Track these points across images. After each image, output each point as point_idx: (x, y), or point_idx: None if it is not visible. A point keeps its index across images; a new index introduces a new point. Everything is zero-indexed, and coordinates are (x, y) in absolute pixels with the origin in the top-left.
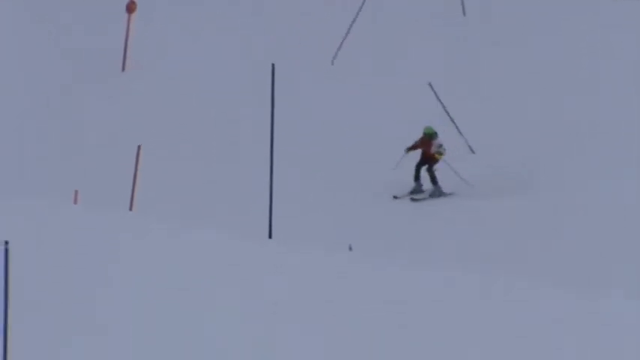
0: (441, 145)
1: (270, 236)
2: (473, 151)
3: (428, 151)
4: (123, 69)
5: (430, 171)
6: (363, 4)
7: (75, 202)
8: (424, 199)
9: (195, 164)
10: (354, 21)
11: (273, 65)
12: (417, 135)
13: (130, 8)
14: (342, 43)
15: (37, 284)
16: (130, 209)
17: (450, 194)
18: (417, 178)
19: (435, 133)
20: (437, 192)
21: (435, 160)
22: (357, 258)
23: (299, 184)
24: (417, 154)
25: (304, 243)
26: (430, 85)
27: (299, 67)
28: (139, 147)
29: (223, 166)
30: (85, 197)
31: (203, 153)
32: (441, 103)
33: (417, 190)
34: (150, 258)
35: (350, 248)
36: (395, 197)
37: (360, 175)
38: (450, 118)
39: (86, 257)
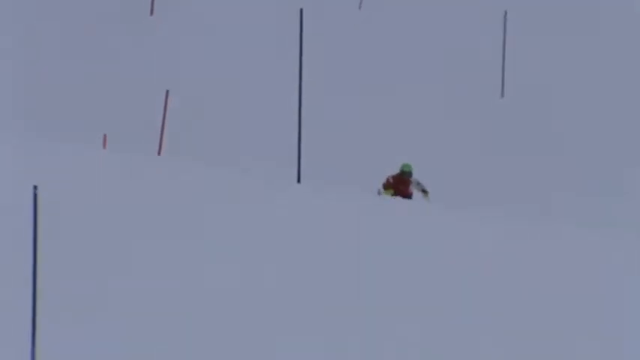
0: (419, 183)
1: (298, 180)
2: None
3: (405, 190)
4: (151, 13)
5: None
6: None
7: (104, 146)
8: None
9: (223, 109)
10: None
11: (301, 10)
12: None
13: None
14: None
15: (66, 228)
16: (159, 153)
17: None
18: None
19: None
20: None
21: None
22: (385, 202)
23: (327, 130)
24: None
25: (333, 187)
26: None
27: (326, 12)
28: (167, 91)
29: (251, 111)
30: (113, 141)
31: (230, 97)
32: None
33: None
34: (178, 201)
35: (379, 192)
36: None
37: (388, 122)
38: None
39: (115, 200)
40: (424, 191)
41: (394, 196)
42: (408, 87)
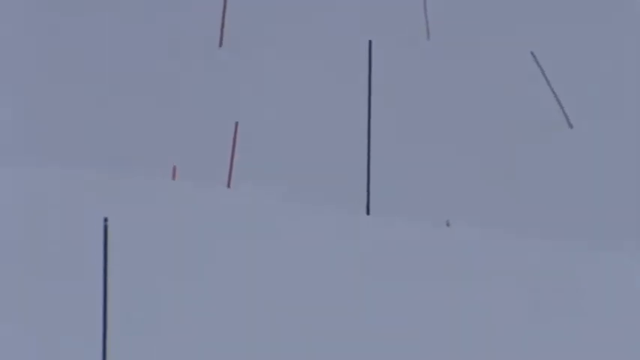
0: None
1: (368, 212)
2: (570, 125)
3: None
4: (220, 44)
5: None
6: None
7: (173, 177)
8: None
9: (291, 141)
10: None
11: (370, 42)
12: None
13: None
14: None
15: (136, 260)
16: (228, 185)
17: None
18: None
19: None
20: None
21: None
22: (454, 233)
23: (396, 160)
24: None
25: (403, 218)
26: (533, 54)
27: (395, 42)
28: (236, 123)
29: (320, 142)
30: (183, 172)
31: (300, 129)
32: (543, 73)
33: None
34: (248, 233)
35: (448, 224)
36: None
37: (458, 151)
38: (551, 88)
39: (185, 232)
40: None
41: None
42: (479, 117)
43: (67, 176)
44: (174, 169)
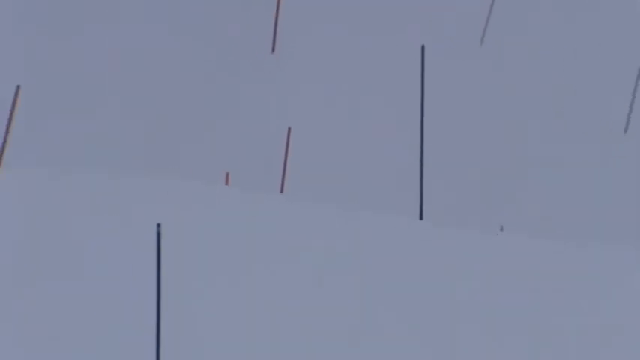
0: None
1: (421, 217)
2: (625, 131)
3: None
4: (272, 50)
5: None
6: None
7: (226, 183)
8: None
9: (344, 146)
10: None
11: (422, 47)
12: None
13: None
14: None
15: (189, 266)
16: (281, 191)
17: None
18: None
19: None
20: None
21: None
22: (507, 239)
23: (449, 166)
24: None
25: (455, 224)
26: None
27: (447, 48)
28: (289, 129)
29: (373, 147)
30: (236, 179)
31: (352, 134)
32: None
33: None
34: (303, 240)
35: (501, 229)
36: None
37: (510, 155)
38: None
39: (238, 238)
40: None
41: None
42: (534, 122)
43: (122, 182)
44: (227, 175)
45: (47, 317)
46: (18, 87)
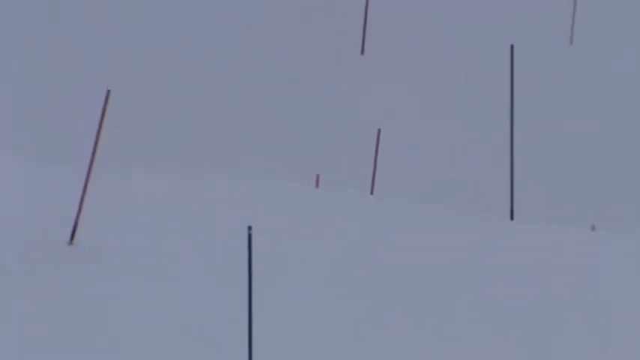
0: None
1: (512, 217)
2: None
3: None
4: (362, 52)
5: None
6: None
7: (317, 185)
8: None
9: (434, 147)
10: None
11: (512, 46)
12: None
13: None
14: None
15: (281, 269)
16: (371, 192)
17: None
18: None
19: None
20: None
21: None
22: (599, 237)
23: (538, 165)
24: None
25: (547, 223)
26: None
27: (537, 47)
28: (378, 130)
29: (461, 147)
30: (326, 181)
31: (442, 133)
32: None
33: None
34: (392, 241)
35: (593, 228)
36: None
37: (604, 155)
38: None
39: (329, 240)
40: None
41: None
42: (622, 121)
43: (216, 183)
44: (318, 177)
45: (136, 320)
46: (108, 92)
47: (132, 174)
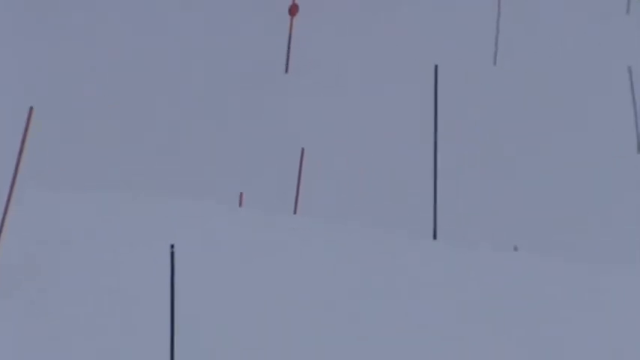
0: None
1: (434, 237)
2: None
3: None
4: (286, 70)
5: None
6: None
7: (240, 204)
8: None
9: (359, 166)
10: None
11: (436, 66)
12: None
13: (292, 11)
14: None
15: (203, 288)
16: (294, 212)
17: None
18: None
19: None
20: None
21: None
22: (522, 258)
23: (463, 184)
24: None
25: (469, 243)
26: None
27: (460, 67)
28: (302, 150)
29: (387, 167)
30: (250, 200)
31: (366, 154)
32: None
33: None
34: (316, 260)
35: (515, 249)
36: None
37: (526, 177)
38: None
39: (253, 260)
40: None
41: None
42: (547, 142)
43: (136, 201)
44: (241, 195)
45: (60, 336)
46: (31, 108)
47: (57, 193)
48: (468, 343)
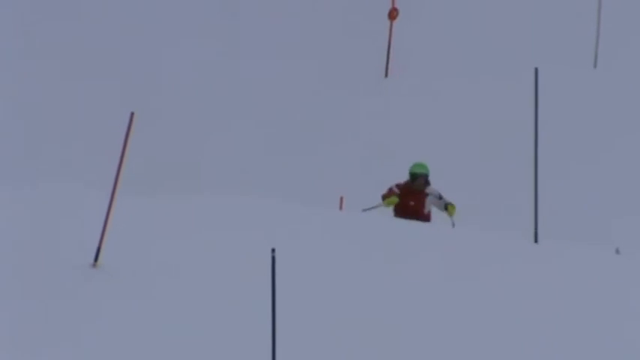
0: (440, 197)
1: (536, 240)
2: None
3: (417, 206)
4: (386, 75)
5: None
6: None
7: (340, 208)
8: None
9: (459, 170)
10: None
11: (536, 69)
12: None
13: (392, 15)
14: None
15: (304, 292)
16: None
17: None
18: None
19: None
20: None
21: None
22: (624, 261)
23: (564, 187)
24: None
25: (569, 245)
26: None
27: (560, 70)
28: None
29: (489, 168)
30: (350, 203)
31: (467, 156)
32: None
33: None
34: (420, 263)
35: (617, 251)
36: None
37: (627, 178)
38: None
39: (354, 262)
40: (448, 206)
41: (396, 214)
42: None
43: (239, 204)
44: (342, 199)
45: (160, 343)
46: (132, 114)
47: (154, 197)
48: (573, 344)
